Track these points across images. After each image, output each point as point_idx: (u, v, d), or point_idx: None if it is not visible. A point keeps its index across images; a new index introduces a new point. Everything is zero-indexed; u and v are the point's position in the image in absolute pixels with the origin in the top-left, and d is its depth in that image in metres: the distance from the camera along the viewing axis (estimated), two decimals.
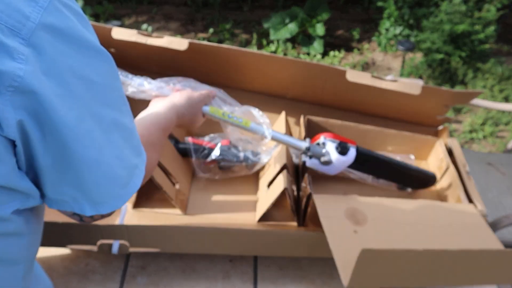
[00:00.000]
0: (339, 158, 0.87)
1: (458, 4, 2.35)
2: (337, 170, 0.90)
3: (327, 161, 0.88)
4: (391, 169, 0.94)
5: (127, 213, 0.89)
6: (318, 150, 0.88)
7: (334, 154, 0.87)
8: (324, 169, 0.90)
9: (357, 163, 0.90)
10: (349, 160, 0.88)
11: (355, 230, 0.77)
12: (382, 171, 0.95)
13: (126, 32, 0.94)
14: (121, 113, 0.50)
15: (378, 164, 0.93)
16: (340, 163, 0.88)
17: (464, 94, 1.00)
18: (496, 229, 1.08)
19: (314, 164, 0.89)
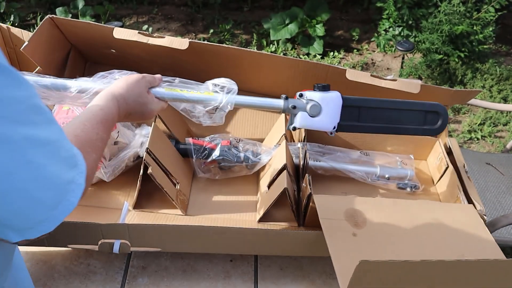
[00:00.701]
0: (324, 97, 0.78)
1: (457, 5, 2.36)
2: (331, 118, 0.79)
3: (314, 106, 0.78)
4: (389, 111, 0.83)
5: (128, 213, 0.90)
6: (299, 102, 0.79)
7: (317, 95, 0.79)
8: (319, 124, 0.80)
9: (350, 113, 0.81)
10: (337, 99, 0.79)
11: (354, 233, 0.77)
12: (379, 118, 0.83)
13: (127, 32, 0.94)
14: (35, 126, 0.42)
15: (372, 110, 0.82)
16: (328, 104, 0.78)
17: (463, 93, 1.00)
18: (495, 229, 1.09)
19: (306, 122, 0.79)
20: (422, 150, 1.07)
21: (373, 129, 0.83)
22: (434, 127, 0.84)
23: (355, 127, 0.83)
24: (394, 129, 0.84)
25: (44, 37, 0.98)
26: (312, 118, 0.79)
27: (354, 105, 0.81)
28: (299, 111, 0.79)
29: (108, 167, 0.93)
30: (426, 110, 0.83)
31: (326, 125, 0.80)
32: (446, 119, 0.84)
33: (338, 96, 0.79)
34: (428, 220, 0.82)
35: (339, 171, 1.00)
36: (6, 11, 2.83)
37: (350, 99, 0.80)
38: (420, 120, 0.83)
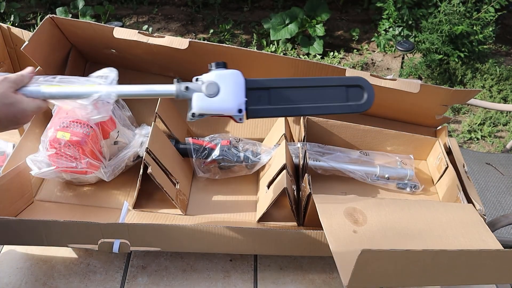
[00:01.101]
0: (220, 74, 0.72)
1: (457, 5, 2.36)
2: (234, 98, 0.71)
3: (210, 84, 0.70)
4: (305, 90, 0.76)
5: (128, 212, 0.90)
6: (194, 83, 0.72)
7: (212, 74, 0.72)
8: (219, 105, 0.71)
9: (259, 96, 0.74)
10: (236, 77, 0.72)
11: (355, 230, 0.77)
12: (294, 98, 0.76)
13: (128, 32, 0.94)
14: None
15: (284, 91, 0.75)
16: (226, 81, 0.71)
17: (463, 92, 1.00)
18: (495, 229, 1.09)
19: (203, 103, 0.71)
20: (422, 150, 1.07)
21: (289, 111, 0.76)
22: (360, 102, 0.77)
23: (267, 110, 0.75)
24: (313, 108, 0.76)
25: (44, 37, 0.98)
26: (210, 99, 0.71)
27: (262, 87, 0.74)
28: (193, 92, 0.71)
29: (108, 167, 0.93)
30: (346, 85, 0.77)
31: (229, 106, 0.71)
32: (371, 92, 0.77)
33: (237, 74, 0.73)
34: (428, 220, 0.82)
35: (338, 171, 1.00)
36: (6, 11, 2.83)
37: (255, 80, 0.74)
38: (342, 96, 0.77)
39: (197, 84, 0.72)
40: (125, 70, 1.13)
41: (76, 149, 0.88)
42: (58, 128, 0.89)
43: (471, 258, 0.67)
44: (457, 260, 0.67)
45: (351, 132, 1.05)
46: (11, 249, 0.89)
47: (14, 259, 0.88)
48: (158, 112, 0.95)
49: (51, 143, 0.88)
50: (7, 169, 0.88)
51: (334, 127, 1.04)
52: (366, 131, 1.04)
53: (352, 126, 1.04)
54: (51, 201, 0.94)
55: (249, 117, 0.74)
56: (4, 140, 1.05)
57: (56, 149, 0.88)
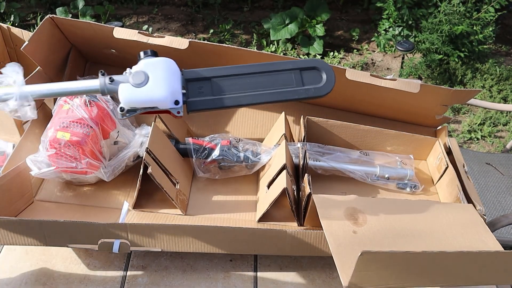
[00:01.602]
0: (149, 62, 0.65)
1: (457, 5, 2.36)
2: (166, 88, 0.64)
3: (137, 73, 0.64)
4: (252, 77, 0.69)
5: (128, 212, 0.90)
6: (120, 75, 0.66)
7: (140, 63, 0.66)
8: (150, 95, 0.63)
9: (200, 88, 0.67)
10: (169, 65, 0.66)
11: (355, 230, 0.77)
12: (241, 87, 0.68)
13: (127, 32, 0.94)
14: None
15: (228, 79, 0.68)
16: (156, 69, 0.64)
17: (463, 92, 1.00)
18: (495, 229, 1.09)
19: (131, 94, 0.64)
20: (422, 150, 1.07)
21: (236, 100, 0.67)
22: (318, 85, 0.69)
23: (210, 102, 0.67)
24: (264, 96, 0.68)
25: (44, 37, 0.98)
26: (138, 89, 0.63)
27: (202, 77, 0.67)
28: (119, 84, 0.64)
29: (108, 167, 0.93)
30: (300, 67, 0.69)
31: (160, 96, 0.63)
32: (331, 73, 0.70)
33: (169, 62, 0.66)
34: (428, 219, 0.82)
35: (338, 171, 1.00)
36: (6, 11, 2.83)
37: (194, 71, 0.68)
38: (296, 80, 0.69)
39: (123, 75, 0.65)
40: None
41: (76, 149, 0.88)
42: (58, 128, 0.89)
43: (471, 259, 0.67)
44: (457, 261, 0.67)
45: (351, 132, 1.05)
46: (11, 249, 0.89)
47: (14, 259, 0.88)
48: None
49: (51, 143, 0.88)
50: (7, 169, 0.88)
51: (334, 127, 1.04)
52: (366, 131, 1.04)
53: (352, 126, 1.04)
54: (51, 201, 0.94)
55: (190, 110, 0.67)
56: (4, 140, 1.05)
57: (56, 149, 0.88)
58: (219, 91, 0.67)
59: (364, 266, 0.63)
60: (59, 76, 1.08)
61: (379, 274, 0.66)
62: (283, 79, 0.69)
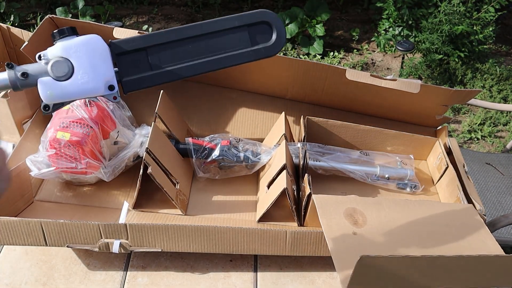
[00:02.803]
0: (70, 44, 0.53)
1: (457, 5, 2.36)
2: (97, 73, 0.54)
3: (58, 62, 0.53)
4: (194, 42, 0.59)
5: (128, 213, 0.90)
6: (34, 65, 0.54)
7: (58, 47, 0.54)
8: (78, 87, 0.54)
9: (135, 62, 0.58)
10: (95, 43, 0.54)
11: (354, 231, 0.77)
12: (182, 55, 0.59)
13: (127, 32, 0.94)
14: None
15: (167, 48, 0.58)
16: (80, 53, 0.53)
17: (463, 92, 1.00)
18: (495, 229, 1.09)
19: (54, 90, 0.53)
20: (422, 150, 1.07)
21: (178, 73, 0.58)
22: (268, 43, 0.61)
23: (149, 78, 0.58)
24: (209, 63, 0.59)
25: (44, 37, 0.98)
26: (62, 83, 0.53)
27: (136, 48, 0.57)
28: (37, 78, 0.53)
29: (108, 167, 0.93)
30: (247, 24, 0.60)
31: (92, 86, 0.54)
32: (281, 28, 0.61)
33: (95, 39, 0.55)
34: (428, 220, 0.82)
35: (339, 171, 1.00)
36: (6, 11, 2.83)
37: (125, 41, 0.57)
38: (245, 40, 0.60)
39: (39, 64, 0.54)
40: None
41: (76, 149, 0.88)
42: (58, 128, 0.89)
43: (470, 263, 0.67)
44: (456, 265, 0.67)
45: (351, 132, 1.05)
46: (11, 249, 0.89)
47: (14, 259, 0.88)
48: (158, 112, 0.95)
49: (51, 143, 0.88)
50: None
51: (334, 127, 1.04)
52: (366, 131, 1.04)
53: (352, 126, 1.04)
54: (51, 201, 0.94)
55: (126, 91, 0.58)
56: (4, 140, 1.05)
57: (56, 149, 0.88)
58: (158, 63, 0.58)
59: (363, 269, 0.63)
60: None
61: (378, 278, 0.66)
62: (229, 40, 0.60)
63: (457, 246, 0.77)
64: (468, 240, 0.79)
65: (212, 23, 0.59)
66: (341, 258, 0.70)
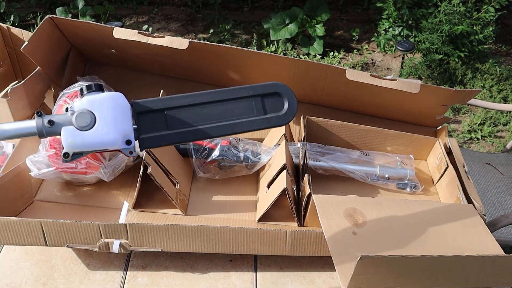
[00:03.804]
0: (94, 99, 0.57)
1: (457, 5, 2.36)
2: (116, 128, 0.58)
3: (82, 113, 0.57)
4: (210, 107, 0.63)
5: (128, 213, 0.90)
6: (60, 115, 0.58)
7: (83, 100, 0.58)
8: (98, 138, 0.58)
9: (153, 121, 0.61)
10: (118, 100, 0.58)
11: (354, 231, 0.77)
12: (198, 118, 0.62)
13: (127, 32, 0.94)
14: None
15: (184, 110, 0.62)
16: (103, 107, 0.57)
17: (463, 92, 1.00)
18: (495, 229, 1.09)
19: (75, 138, 0.57)
20: (422, 150, 1.07)
21: (193, 135, 0.62)
22: (280, 113, 0.64)
23: (165, 137, 0.61)
24: (223, 128, 0.62)
25: (44, 37, 0.98)
26: (84, 132, 0.57)
27: (155, 108, 0.61)
28: (61, 127, 0.57)
29: (108, 167, 0.93)
30: (260, 94, 0.64)
31: (110, 139, 0.58)
32: (293, 100, 0.64)
33: (118, 97, 0.59)
34: (428, 220, 0.82)
35: (339, 171, 1.00)
36: (6, 11, 2.83)
37: (146, 102, 0.61)
38: (257, 108, 0.63)
39: (65, 115, 0.57)
40: (125, 70, 1.13)
41: None
42: None
43: (470, 263, 0.67)
44: (456, 265, 0.67)
45: (351, 132, 1.05)
46: (11, 249, 0.89)
47: (14, 259, 0.88)
48: None
49: (51, 143, 0.88)
50: (7, 169, 0.88)
51: (334, 127, 1.04)
52: (366, 131, 1.04)
53: (352, 126, 1.04)
54: (51, 201, 0.94)
55: (143, 147, 0.62)
56: (4, 141, 1.05)
57: (56, 149, 0.88)
58: (174, 124, 0.61)
59: (363, 270, 0.63)
60: (59, 76, 1.08)
61: (378, 278, 0.66)
62: (243, 108, 0.64)
63: (457, 246, 0.77)
64: (468, 240, 0.79)
65: (227, 92, 0.63)
66: (341, 258, 0.70)
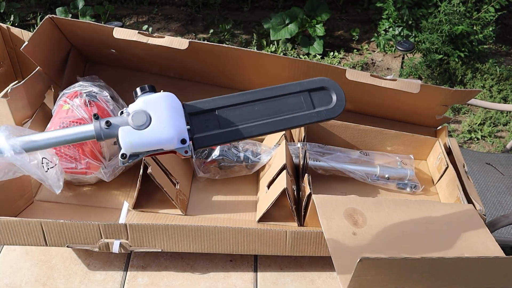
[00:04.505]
0: (149, 99, 0.58)
1: (457, 5, 2.36)
2: (171, 126, 0.58)
3: (137, 113, 0.57)
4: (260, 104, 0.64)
5: (128, 213, 0.90)
6: (116, 117, 0.59)
7: (139, 102, 0.59)
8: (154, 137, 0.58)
9: (205, 121, 0.61)
10: (171, 100, 0.59)
11: (354, 232, 0.77)
12: (249, 116, 0.63)
13: (127, 32, 0.94)
14: None
15: (235, 109, 0.63)
16: (157, 107, 0.58)
17: (463, 92, 1.00)
18: (495, 229, 1.09)
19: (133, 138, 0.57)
20: (422, 150, 1.07)
21: (245, 132, 0.62)
22: (329, 106, 0.65)
23: (218, 136, 0.61)
24: (274, 124, 0.63)
25: (44, 37, 0.98)
26: (141, 132, 0.57)
27: (206, 109, 0.62)
28: (118, 127, 0.58)
29: (108, 167, 0.93)
30: (308, 89, 0.64)
31: (166, 137, 0.58)
32: (340, 93, 0.65)
33: (171, 97, 0.60)
34: (428, 220, 0.82)
35: (339, 171, 1.00)
36: (6, 11, 2.83)
37: (197, 103, 0.62)
38: (306, 103, 0.64)
39: (121, 117, 0.59)
40: (125, 70, 1.13)
41: (76, 149, 0.88)
42: (58, 128, 0.89)
43: (470, 265, 0.67)
44: (456, 267, 0.67)
45: (351, 132, 1.05)
46: (11, 249, 0.89)
47: (14, 259, 0.88)
48: None
49: None
50: None
51: (334, 127, 1.04)
52: (366, 131, 1.04)
53: (352, 126, 1.04)
54: (51, 201, 0.94)
55: (197, 147, 0.62)
56: None
57: (56, 149, 0.88)
58: (226, 123, 0.62)
59: (363, 271, 0.63)
60: (59, 76, 1.08)
61: (378, 279, 0.66)
62: (293, 103, 0.64)
63: (457, 246, 0.77)
64: (468, 240, 0.79)
65: (275, 89, 0.65)
66: (341, 259, 0.70)
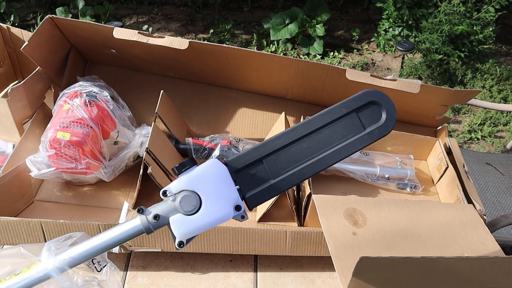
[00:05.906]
0: (192, 176, 0.53)
1: (457, 5, 2.36)
2: (223, 199, 0.53)
3: (186, 197, 0.53)
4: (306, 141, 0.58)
5: (128, 213, 0.90)
6: (162, 204, 0.54)
7: (182, 180, 0.53)
8: (210, 218, 0.53)
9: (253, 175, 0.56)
10: (215, 169, 0.54)
11: (354, 232, 0.77)
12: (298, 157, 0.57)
13: (127, 32, 0.94)
14: None
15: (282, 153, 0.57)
16: (204, 183, 0.53)
17: (463, 92, 1.00)
18: (495, 229, 1.09)
19: (188, 227, 0.53)
20: (422, 150, 1.07)
21: (300, 175, 0.56)
22: (380, 123, 0.58)
23: (272, 188, 0.56)
24: (329, 158, 0.57)
25: (44, 37, 0.98)
26: (193, 217, 0.52)
27: (251, 161, 0.55)
28: (168, 217, 0.53)
29: (108, 167, 0.93)
30: (354, 108, 0.57)
31: (222, 214, 0.53)
32: (389, 105, 0.58)
33: (214, 165, 0.54)
34: (428, 220, 0.82)
35: (339, 171, 1.00)
36: (6, 11, 2.83)
37: (240, 157, 0.55)
38: (355, 126, 0.57)
39: (167, 203, 0.53)
40: (125, 70, 1.13)
41: (76, 149, 0.88)
42: (58, 128, 0.89)
43: (470, 265, 0.67)
44: (456, 267, 0.67)
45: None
46: None
47: None
48: (158, 112, 0.95)
49: (51, 143, 0.88)
50: (7, 169, 0.88)
51: None
52: None
53: None
54: (51, 201, 0.94)
55: (252, 207, 0.56)
56: (4, 140, 1.05)
57: (56, 149, 0.88)
58: (276, 171, 0.56)
59: (363, 271, 0.63)
60: (59, 76, 1.08)
61: (378, 279, 0.66)
62: (341, 130, 0.57)
63: (457, 246, 0.77)
64: (468, 240, 0.79)
65: (320, 117, 0.57)
66: (341, 259, 0.70)
